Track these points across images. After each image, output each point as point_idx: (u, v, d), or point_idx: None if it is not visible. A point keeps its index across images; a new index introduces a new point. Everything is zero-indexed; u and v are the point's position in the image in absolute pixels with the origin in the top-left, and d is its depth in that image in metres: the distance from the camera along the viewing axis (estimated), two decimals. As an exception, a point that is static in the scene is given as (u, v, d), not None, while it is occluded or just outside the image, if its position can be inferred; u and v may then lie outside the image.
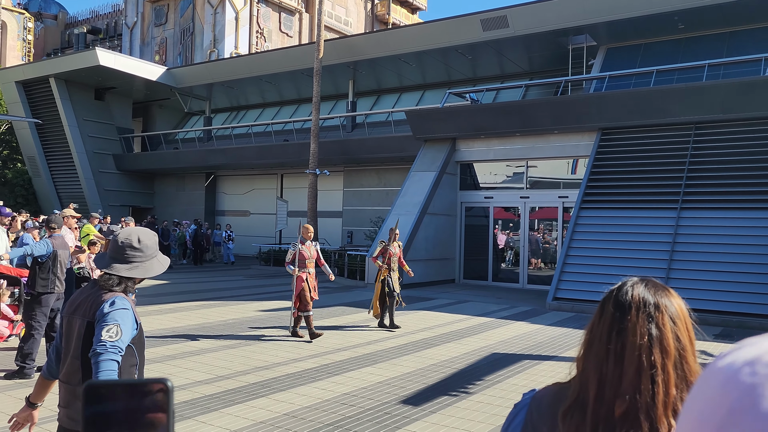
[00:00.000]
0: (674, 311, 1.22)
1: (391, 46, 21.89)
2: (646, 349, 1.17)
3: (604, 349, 1.21)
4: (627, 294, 1.24)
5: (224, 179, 30.05)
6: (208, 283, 17.29)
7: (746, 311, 11.57)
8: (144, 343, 2.69)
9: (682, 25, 17.16)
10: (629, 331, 1.20)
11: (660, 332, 1.19)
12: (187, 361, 7.63)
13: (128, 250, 2.62)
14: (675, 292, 1.27)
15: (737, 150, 13.97)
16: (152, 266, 2.66)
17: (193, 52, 35.78)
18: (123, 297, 2.56)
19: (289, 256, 9.21)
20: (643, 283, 1.26)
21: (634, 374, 1.16)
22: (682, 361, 1.18)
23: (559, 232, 17.07)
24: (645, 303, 1.22)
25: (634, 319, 1.20)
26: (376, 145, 22.43)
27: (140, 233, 2.68)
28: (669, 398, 1.14)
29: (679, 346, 1.19)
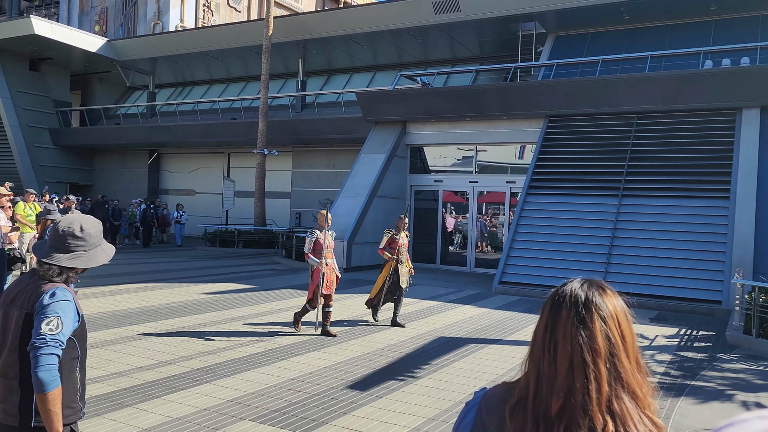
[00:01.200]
0: (607, 311, 1.24)
1: (342, 25, 21.61)
2: (577, 347, 1.20)
3: (540, 348, 1.24)
4: (562, 294, 1.27)
5: (168, 157, 29.21)
6: (151, 264, 16.83)
7: (680, 296, 12.08)
8: (86, 336, 2.57)
9: (627, 16, 17.58)
10: (560, 330, 1.23)
11: (589, 332, 1.21)
12: (128, 346, 7.41)
13: (70, 238, 2.48)
14: (613, 291, 1.29)
15: (676, 140, 14.47)
16: (96, 256, 2.54)
17: (135, 24, 34.40)
18: (64, 288, 2.43)
19: (308, 246, 8.30)
20: (580, 283, 1.29)
21: (566, 372, 1.19)
22: (614, 360, 1.20)
23: (506, 216, 17.36)
24: (576, 303, 1.24)
25: (565, 318, 1.23)
26: (326, 126, 22.21)
27: (83, 221, 2.54)
28: (602, 396, 1.17)
29: (609, 345, 1.20)
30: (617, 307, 1.26)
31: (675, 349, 8.48)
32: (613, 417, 1.17)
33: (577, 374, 1.18)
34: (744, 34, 16.29)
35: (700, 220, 13.12)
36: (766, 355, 8.27)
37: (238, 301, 10.98)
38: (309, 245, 8.32)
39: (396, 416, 5.34)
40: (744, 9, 16.56)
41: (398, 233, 9.35)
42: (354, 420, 5.21)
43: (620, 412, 1.17)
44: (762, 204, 12.66)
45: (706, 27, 17.16)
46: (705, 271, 12.38)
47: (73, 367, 2.46)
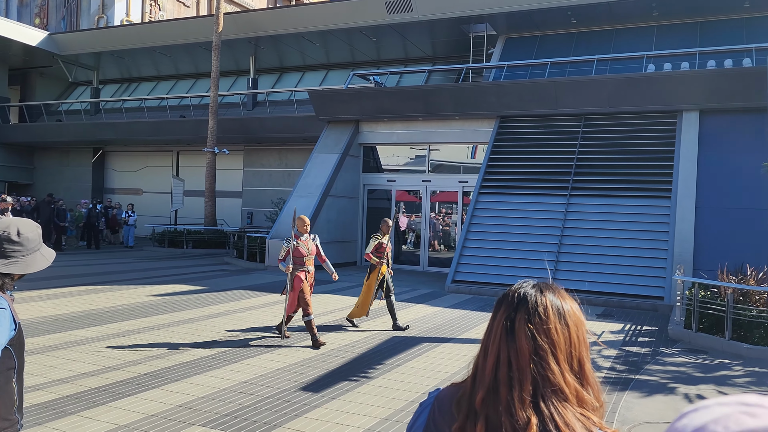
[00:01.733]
0: (563, 311, 1.25)
1: (294, 23, 21.42)
2: (504, 345, 1.22)
3: (493, 353, 1.25)
4: (517, 296, 1.27)
5: (114, 155, 28.35)
6: (96, 266, 16.30)
7: (625, 292, 12.46)
8: (23, 345, 2.45)
9: (575, 20, 18.03)
10: (519, 333, 1.23)
11: (549, 333, 1.22)
12: (71, 351, 7.15)
13: (5, 243, 2.35)
14: (566, 293, 1.30)
15: (621, 141, 14.92)
16: (34, 261, 2.41)
17: (78, 18, 33.23)
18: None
19: (282, 253, 8.06)
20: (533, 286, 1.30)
21: (491, 368, 1.22)
22: (541, 360, 1.20)
23: (458, 215, 17.55)
24: (533, 305, 1.25)
25: (523, 321, 1.24)
26: (278, 124, 21.98)
27: (20, 225, 2.42)
28: (525, 393, 1.18)
29: (569, 344, 1.22)
30: (573, 308, 1.28)
31: (620, 344, 8.74)
32: (540, 416, 1.17)
33: (501, 371, 1.20)
34: (684, 40, 16.94)
35: (644, 219, 13.56)
36: (705, 349, 8.61)
37: (187, 303, 10.74)
38: (282, 253, 8.05)
39: (349, 417, 5.32)
40: (684, 16, 17.21)
41: (383, 237, 9.22)
42: (307, 422, 5.16)
43: (549, 412, 1.18)
44: (701, 203, 13.19)
45: (648, 32, 17.76)
46: (648, 268, 12.80)
47: (9, 378, 2.34)
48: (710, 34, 16.84)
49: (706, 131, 14.14)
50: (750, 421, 0.49)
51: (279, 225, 16.73)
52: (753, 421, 0.49)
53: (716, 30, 16.85)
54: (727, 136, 13.94)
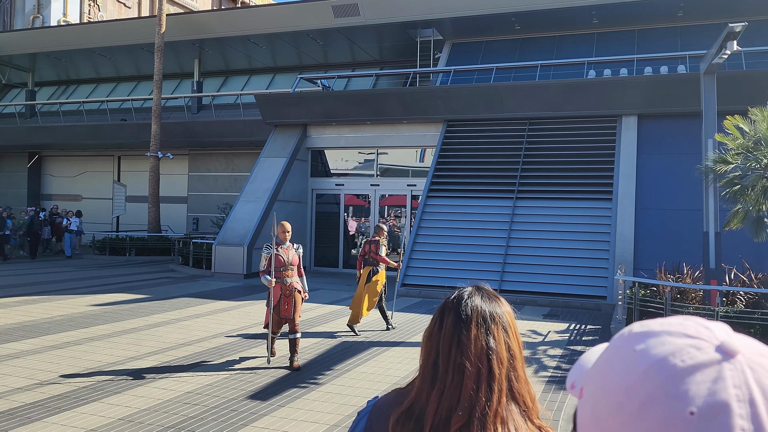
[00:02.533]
0: (506, 321, 1.25)
1: (240, 25, 21.11)
2: (485, 361, 1.19)
3: (444, 362, 1.22)
4: (463, 306, 1.25)
5: (51, 160, 27.26)
6: (32, 275, 15.60)
7: (570, 292, 12.76)
8: None
9: (519, 26, 18.41)
10: (468, 345, 1.21)
11: (496, 344, 1.21)
12: (3, 365, 6.80)
13: None
14: (503, 300, 1.30)
15: (564, 145, 15.30)
16: None
17: (12, 17, 31.86)
18: None
19: (263, 263, 7.22)
20: (479, 294, 1.28)
21: (473, 386, 1.18)
22: (512, 371, 1.21)
23: (407, 219, 17.62)
24: (482, 316, 1.24)
25: (474, 332, 1.22)
26: (224, 128, 21.59)
27: None
28: (501, 407, 1.17)
29: (509, 357, 1.22)
30: (512, 315, 1.28)
31: (566, 344, 8.93)
32: (504, 426, 1.17)
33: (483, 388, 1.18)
34: (623, 47, 17.53)
35: (587, 221, 13.94)
36: (646, 345, 8.87)
37: (129, 312, 10.39)
38: (263, 262, 7.22)
39: (298, 425, 5.23)
40: (622, 24, 17.82)
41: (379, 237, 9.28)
42: (255, 431, 5.05)
43: (509, 421, 1.18)
44: (640, 204, 13.65)
45: (589, 39, 18.31)
46: (591, 269, 13.16)
47: None
48: (647, 41, 17.49)
49: (645, 135, 14.66)
50: (699, 354, 0.55)
51: (225, 231, 16.41)
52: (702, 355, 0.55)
53: (653, 37, 17.52)
54: (664, 139, 14.49)
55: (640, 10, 16.79)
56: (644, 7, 16.60)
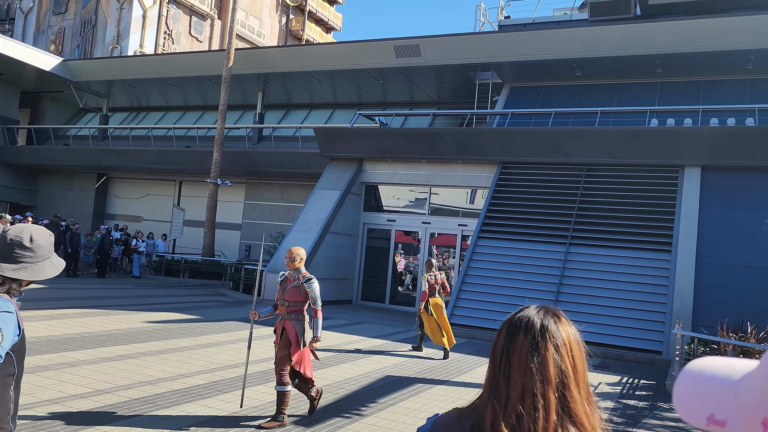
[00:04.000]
0: (561, 340, 1.24)
1: (304, 61, 21.81)
2: (529, 375, 1.20)
3: (497, 374, 1.24)
4: (518, 320, 1.27)
5: (117, 181, 28.47)
6: (91, 290, 16.18)
7: (623, 344, 12.34)
8: (25, 352, 2.42)
9: (579, 72, 18.38)
10: (514, 357, 1.23)
11: (542, 359, 1.21)
12: (62, 372, 7.04)
13: (17, 248, 2.35)
14: (567, 320, 1.30)
15: (622, 193, 15.02)
16: (43, 268, 2.40)
17: (93, 46, 33.86)
18: (6, 299, 2.29)
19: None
20: (536, 310, 1.29)
21: (517, 398, 1.19)
22: (564, 389, 1.20)
23: (456, 259, 17.52)
24: (532, 330, 1.24)
25: (520, 345, 1.23)
26: (282, 159, 22.15)
27: (33, 231, 2.42)
28: (549, 424, 1.17)
29: (561, 375, 1.21)
30: (571, 336, 1.27)
31: (618, 397, 8.61)
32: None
33: (527, 401, 1.18)
34: (687, 97, 17.24)
35: (643, 272, 13.54)
36: (703, 405, 8.47)
37: (181, 331, 10.63)
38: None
39: (341, 454, 5.20)
40: (688, 74, 17.55)
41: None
42: (297, 457, 5.05)
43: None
44: (702, 259, 13.18)
45: (652, 88, 18.09)
46: (647, 321, 12.72)
47: (7, 385, 2.31)
48: (713, 92, 17.15)
49: (708, 187, 14.25)
50: None
51: (276, 259, 16.68)
52: None
53: (719, 89, 17.17)
54: (729, 192, 14.04)
55: (707, 60, 16.53)
56: (711, 58, 16.34)
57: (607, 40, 16.84)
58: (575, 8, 21.66)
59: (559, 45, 17.41)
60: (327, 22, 48.54)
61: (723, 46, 15.80)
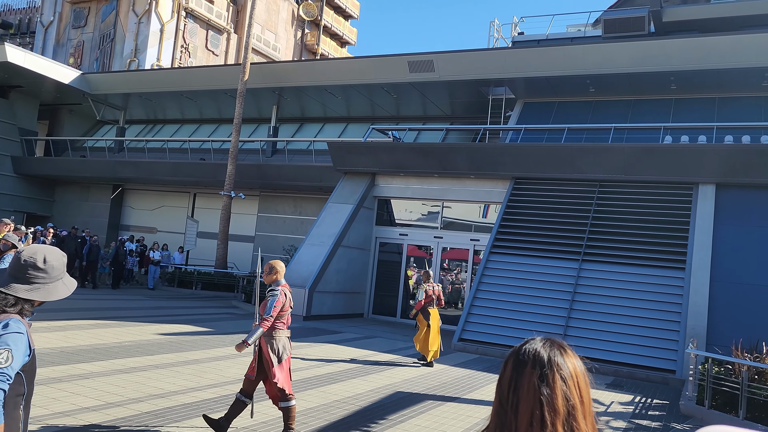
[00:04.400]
0: (568, 372, 1.27)
1: (318, 76, 21.99)
2: (537, 406, 1.22)
3: (504, 405, 1.26)
4: (525, 352, 1.29)
5: (133, 193, 28.76)
6: (104, 301, 16.32)
7: (635, 363, 12.21)
8: (35, 372, 2.46)
9: (593, 89, 18.37)
10: (522, 389, 1.25)
11: (551, 391, 1.22)
12: (74, 384, 7.11)
13: (31, 269, 2.40)
14: (573, 352, 1.32)
15: (635, 209, 14.93)
16: (56, 289, 2.45)
17: (111, 59, 34.37)
18: (18, 320, 2.33)
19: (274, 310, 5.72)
20: (542, 342, 1.31)
21: (525, 430, 1.21)
22: (572, 421, 1.22)
23: (468, 273, 17.47)
24: (540, 362, 1.27)
25: (528, 377, 1.25)
26: (296, 172, 22.28)
27: (47, 252, 2.47)
28: None
29: (569, 407, 1.23)
30: (577, 368, 1.29)
31: (630, 416, 8.52)
32: None
33: (535, 429, 1.20)
34: (702, 114, 17.16)
35: (656, 289, 13.41)
36: (717, 426, 8.35)
37: (192, 344, 10.68)
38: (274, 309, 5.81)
39: (350, 471, 5.20)
40: (702, 91, 17.48)
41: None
42: (306, 473, 5.05)
43: None
44: (716, 277, 13.04)
45: (666, 104, 18.02)
46: (660, 340, 12.58)
47: (17, 404, 2.34)
48: (728, 109, 17.05)
49: (723, 204, 14.13)
50: None
51: (288, 272, 16.71)
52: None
53: (734, 106, 17.07)
54: (744, 210, 13.91)
55: (722, 77, 16.47)
56: (726, 75, 16.27)
57: (621, 56, 16.83)
58: (589, 25, 21.69)
59: (572, 61, 17.43)
60: (342, 36, 48.91)
61: (738, 64, 15.73)
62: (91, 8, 35.86)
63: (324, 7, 46.07)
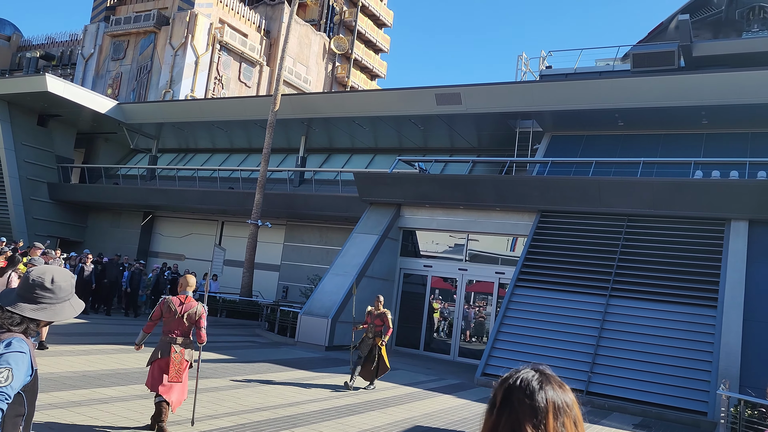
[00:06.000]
0: (575, 413, 1.26)
1: (347, 108, 22.28)
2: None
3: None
4: (516, 382, 1.28)
5: (162, 220, 29.26)
6: (128, 326, 16.47)
7: (665, 403, 11.82)
8: (37, 393, 2.46)
9: (622, 122, 18.22)
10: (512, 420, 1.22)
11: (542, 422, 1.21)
12: (93, 409, 7.14)
13: (38, 289, 2.43)
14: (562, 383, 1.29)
15: (665, 245, 14.62)
16: (63, 310, 2.47)
17: (147, 90, 35.41)
18: (21, 339, 2.35)
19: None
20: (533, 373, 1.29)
21: None
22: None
23: (493, 307, 17.24)
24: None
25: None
26: (322, 202, 22.44)
27: (55, 273, 2.50)
28: None
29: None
30: (577, 405, 1.27)
31: (657, 459, 8.21)
32: None
33: None
34: (733, 149, 16.85)
35: (687, 327, 13.04)
36: (750, 473, 8.01)
37: (213, 371, 10.68)
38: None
39: (362, 506, 5.08)
40: (734, 126, 17.20)
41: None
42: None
43: None
44: (749, 316, 12.64)
45: (697, 139, 17.76)
46: (691, 380, 12.18)
47: (16, 425, 2.34)
48: (761, 145, 16.72)
49: (756, 241, 13.77)
50: None
51: (312, 302, 16.73)
52: None
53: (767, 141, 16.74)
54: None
55: (755, 113, 16.20)
56: (758, 110, 16.00)
57: (650, 90, 16.70)
58: (618, 59, 21.63)
59: (601, 94, 17.36)
60: (372, 69, 49.67)
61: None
62: (130, 41, 37.13)
63: (355, 41, 46.95)
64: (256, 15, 39.41)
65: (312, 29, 42.88)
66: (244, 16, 38.27)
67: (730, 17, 19.90)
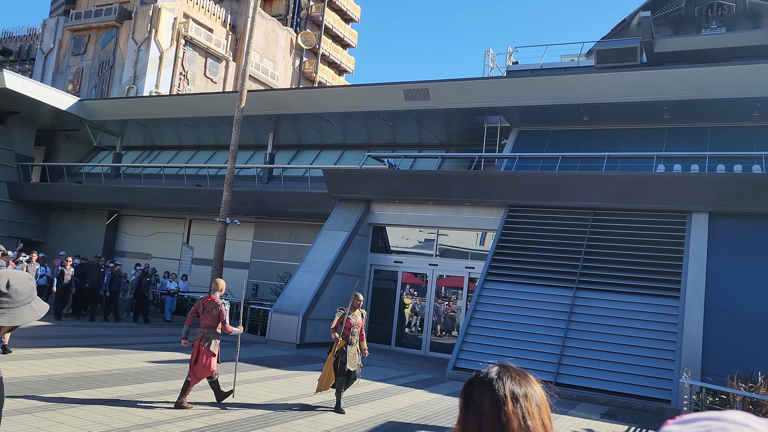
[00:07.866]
0: (539, 399, 1.28)
1: (315, 103, 22.16)
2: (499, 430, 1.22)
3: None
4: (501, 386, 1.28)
5: (128, 219, 28.72)
6: (95, 328, 16.17)
7: (631, 392, 12.11)
8: (3, 400, 2.40)
9: (587, 117, 18.54)
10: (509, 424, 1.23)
11: (532, 420, 1.23)
12: (60, 413, 7.00)
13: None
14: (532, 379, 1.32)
15: (629, 238, 14.95)
16: (22, 314, 2.40)
17: (110, 86, 34.64)
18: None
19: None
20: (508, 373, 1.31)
21: None
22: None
23: (463, 301, 17.40)
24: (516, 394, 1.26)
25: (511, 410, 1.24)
26: (291, 199, 22.30)
27: (11, 276, 2.42)
28: None
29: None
30: (543, 393, 1.30)
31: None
32: None
33: None
34: (694, 143, 17.30)
35: (651, 318, 13.37)
36: (712, 458, 8.25)
37: (182, 372, 10.55)
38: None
39: (336, 504, 5.10)
40: (694, 120, 17.66)
41: (351, 312, 8.93)
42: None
43: None
44: (710, 306, 13.02)
45: (659, 134, 18.18)
46: (655, 369, 12.50)
47: None
48: (720, 139, 17.20)
49: (716, 233, 14.17)
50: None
51: (283, 299, 16.65)
52: None
53: (726, 136, 17.22)
54: (737, 239, 13.94)
55: (714, 108, 16.64)
56: (718, 106, 16.44)
57: (614, 86, 17.03)
58: (582, 55, 21.98)
59: (566, 90, 17.62)
60: (340, 65, 49.45)
61: (729, 94, 15.92)
62: (91, 36, 36.26)
63: (323, 36, 46.68)
64: (222, 10, 38.88)
65: (278, 24, 42.48)
66: (209, 11, 37.71)
67: (689, 14, 20.37)
